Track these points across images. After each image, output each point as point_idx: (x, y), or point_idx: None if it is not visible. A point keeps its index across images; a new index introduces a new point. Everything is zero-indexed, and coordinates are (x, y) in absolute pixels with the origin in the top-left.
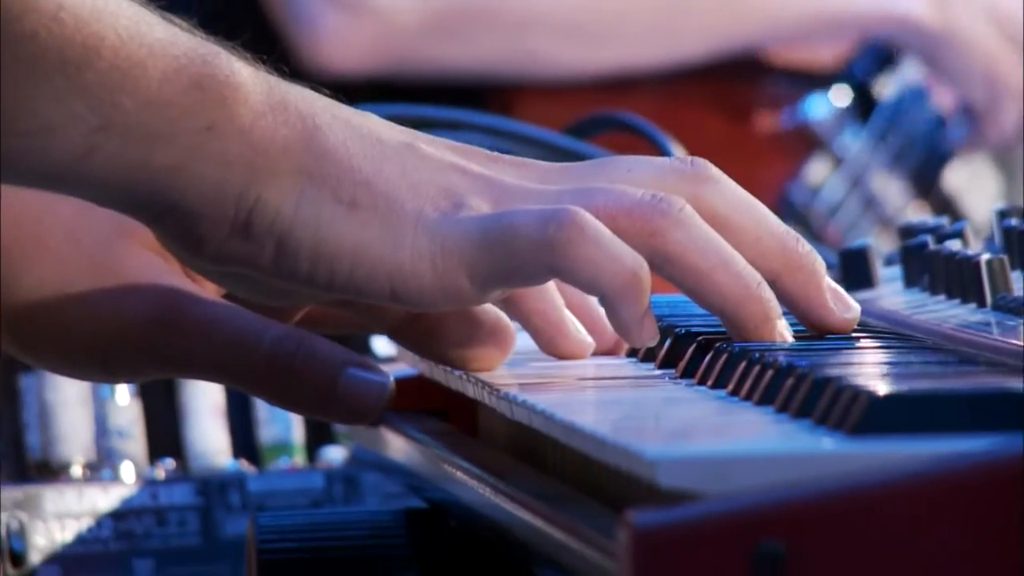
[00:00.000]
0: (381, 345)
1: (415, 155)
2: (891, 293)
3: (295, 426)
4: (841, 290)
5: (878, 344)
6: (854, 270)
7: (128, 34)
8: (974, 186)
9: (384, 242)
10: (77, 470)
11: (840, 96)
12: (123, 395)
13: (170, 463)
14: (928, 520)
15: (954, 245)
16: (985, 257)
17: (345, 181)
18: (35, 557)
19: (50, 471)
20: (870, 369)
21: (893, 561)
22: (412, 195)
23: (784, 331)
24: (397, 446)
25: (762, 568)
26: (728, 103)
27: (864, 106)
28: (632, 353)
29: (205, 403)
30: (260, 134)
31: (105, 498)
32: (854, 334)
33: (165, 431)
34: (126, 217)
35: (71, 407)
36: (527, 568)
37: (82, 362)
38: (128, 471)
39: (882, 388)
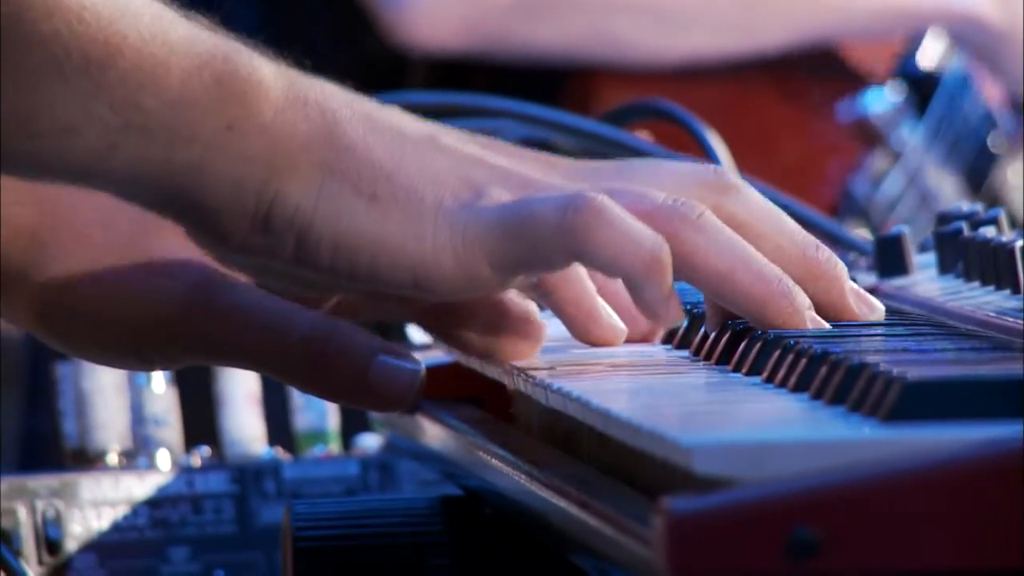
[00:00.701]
0: (416, 332)
1: (436, 147)
2: (926, 280)
3: (330, 414)
4: (864, 292)
5: (912, 331)
6: (889, 257)
7: (150, 33)
8: None
9: (405, 234)
10: (113, 458)
11: (897, 91)
12: (159, 383)
13: (206, 451)
14: (963, 506)
15: (988, 232)
16: (1020, 244)
17: (365, 174)
18: (71, 545)
19: (86, 459)
20: (904, 356)
21: (928, 547)
22: (432, 186)
23: (816, 320)
24: (432, 433)
25: (797, 554)
26: (793, 95)
27: (921, 100)
28: (667, 340)
29: (240, 391)
30: (280, 130)
31: (141, 486)
32: (888, 321)
33: (201, 419)
34: None
35: (107, 395)
36: (562, 555)
37: (116, 350)
38: (164, 459)
39: (916, 374)
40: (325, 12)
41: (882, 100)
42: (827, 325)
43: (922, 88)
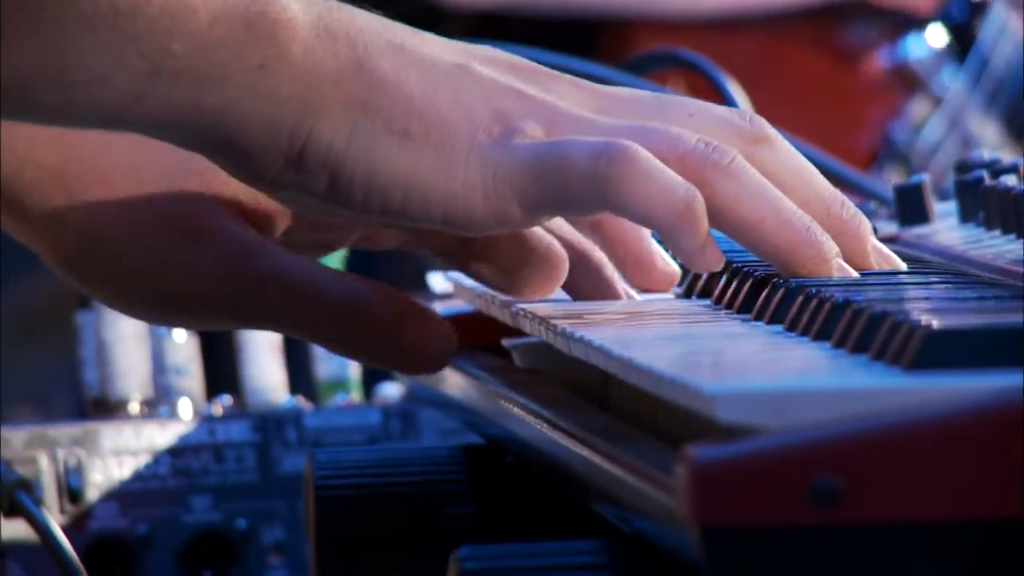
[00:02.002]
0: (438, 282)
1: (469, 77)
2: (946, 229)
3: (352, 362)
4: (886, 250)
5: (934, 279)
6: (909, 206)
7: None
8: None
9: (437, 171)
10: (134, 407)
11: (937, 36)
12: (180, 332)
13: (227, 400)
14: (985, 454)
15: (1009, 180)
16: None
17: (397, 111)
18: (92, 494)
19: (107, 408)
20: (926, 304)
21: (950, 495)
22: (465, 121)
23: (844, 268)
24: (454, 382)
25: (820, 502)
26: (831, 44)
27: (961, 46)
28: (689, 289)
29: (262, 339)
30: (311, 68)
31: (162, 435)
32: (910, 270)
33: (222, 368)
34: (186, 156)
35: (128, 344)
36: (584, 504)
37: (137, 306)
38: (185, 408)
39: (938, 323)
40: None
41: (923, 46)
42: (855, 273)
43: (963, 33)
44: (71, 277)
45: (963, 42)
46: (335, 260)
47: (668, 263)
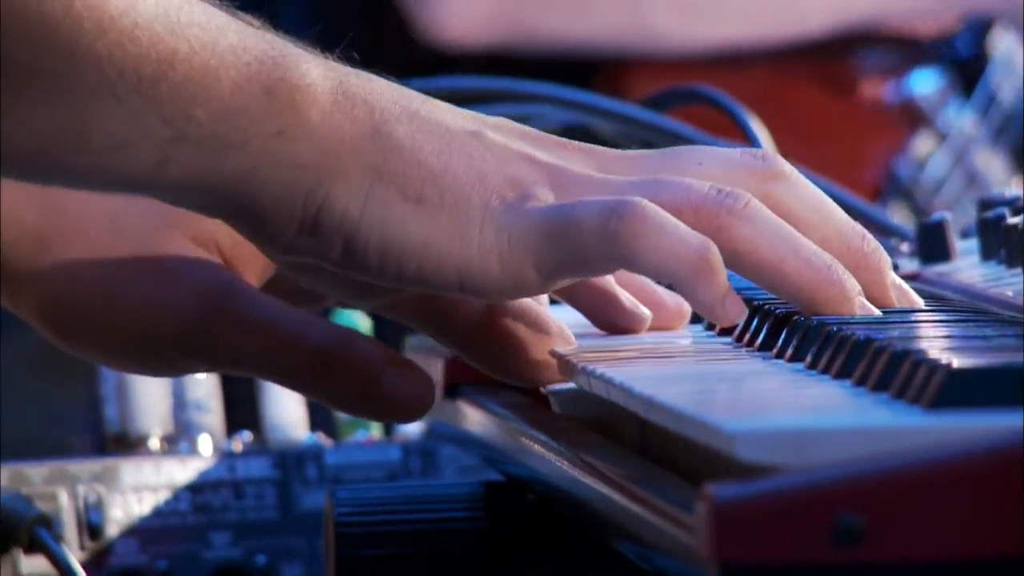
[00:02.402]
0: None
1: (482, 144)
2: (968, 266)
3: None
4: (905, 286)
5: (955, 318)
6: (931, 243)
7: (200, 43)
8: None
9: (452, 237)
10: (155, 443)
11: (943, 72)
12: None
13: (247, 436)
14: (1007, 493)
15: None
16: None
17: (412, 177)
18: (112, 530)
19: (128, 444)
20: (947, 343)
21: (972, 534)
22: (479, 187)
23: (866, 306)
24: (474, 419)
25: (840, 541)
26: (835, 78)
27: (967, 82)
28: (710, 326)
29: None
30: (328, 133)
31: (182, 471)
32: (932, 308)
33: (242, 404)
34: (169, 207)
35: (149, 380)
36: (605, 542)
37: (120, 353)
38: (205, 444)
39: (959, 362)
40: (375, 4)
41: (928, 82)
42: (877, 311)
43: (969, 70)
44: (54, 336)
45: (969, 78)
46: None
47: (678, 299)
